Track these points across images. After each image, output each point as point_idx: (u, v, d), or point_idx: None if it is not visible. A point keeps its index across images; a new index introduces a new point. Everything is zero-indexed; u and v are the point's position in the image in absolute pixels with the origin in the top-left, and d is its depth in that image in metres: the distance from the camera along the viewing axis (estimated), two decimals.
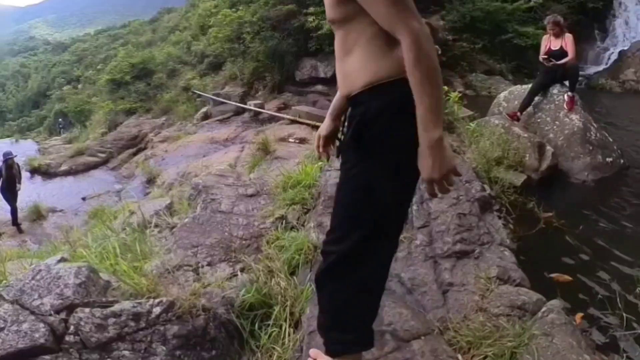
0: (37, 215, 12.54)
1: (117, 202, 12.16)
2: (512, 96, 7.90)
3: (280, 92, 18.71)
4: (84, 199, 14.23)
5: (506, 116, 7.21)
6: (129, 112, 25.59)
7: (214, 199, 4.59)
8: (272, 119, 15.96)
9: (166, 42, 40.60)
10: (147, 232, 4.23)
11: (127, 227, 4.64)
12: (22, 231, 11.63)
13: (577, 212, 5.37)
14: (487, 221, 3.92)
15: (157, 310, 2.55)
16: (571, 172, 6.61)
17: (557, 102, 7.29)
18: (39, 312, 2.53)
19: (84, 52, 78.02)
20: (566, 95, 7.21)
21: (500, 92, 8.81)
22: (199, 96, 22.68)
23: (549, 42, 7.39)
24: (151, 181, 13.45)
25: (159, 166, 14.68)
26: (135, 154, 18.91)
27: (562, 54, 7.21)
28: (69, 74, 67.59)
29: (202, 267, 3.49)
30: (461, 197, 4.00)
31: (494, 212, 4.21)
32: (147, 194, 12.01)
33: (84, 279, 2.73)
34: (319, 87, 17.32)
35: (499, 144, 5.88)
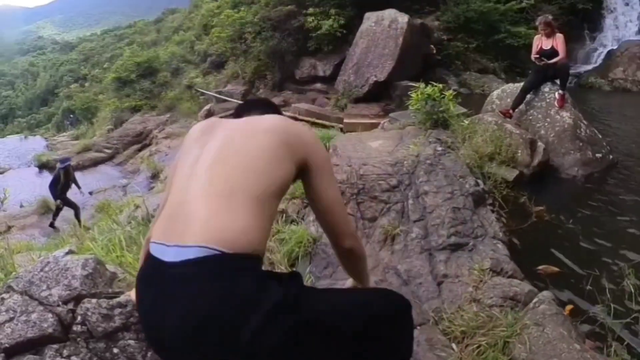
0: (45, 209, 12.51)
1: (123, 196, 12.16)
2: (505, 94, 7.88)
3: (280, 90, 18.67)
4: (90, 194, 14.20)
5: (499, 113, 7.19)
6: (134, 110, 25.52)
7: None
8: None
9: (170, 42, 40.46)
10: (151, 225, 4.22)
11: (132, 221, 4.63)
12: (55, 228, 11.48)
13: (568, 206, 5.37)
14: (480, 215, 3.91)
15: None
16: (562, 168, 6.60)
17: (548, 100, 7.27)
18: (48, 302, 2.53)
19: (91, 51, 77.89)
20: (557, 93, 7.19)
21: (493, 90, 8.79)
22: (202, 94, 22.67)
23: (541, 42, 7.36)
24: (155, 176, 13.48)
25: (163, 162, 14.69)
26: (140, 150, 18.91)
27: (553, 53, 7.19)
28: (76, 72, 67.48)
29: None
30: (455, 192, 3.99)
31: (487, 206, 4.21)
32: (152, 188, 12.03)
33: (91, 271, 2.73)
34: (318, 85, 17.29)
35: (492, 141, 5.86)
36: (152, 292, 1.45)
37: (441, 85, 5.90)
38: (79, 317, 2.50)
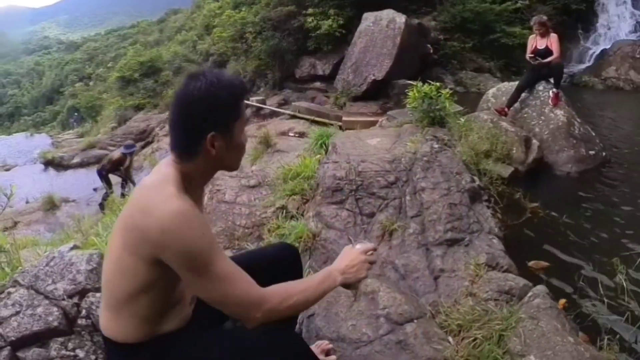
0: (51, 205, 12.51)
1: (127, 192, 12.15)
2: (500, 92, 7.88)
3: (280, 88, 18.65)
4: (95, 190, 14.19)
5: (494, 111, 7.19)
6: (138, 108, 25.51)
7: (218, 190, 4.57)
8: (273, 114, 15.93)
9: (173, 42, 40.41)
10: None
11: None
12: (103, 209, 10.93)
13: (562, 202, 5.37)
14: (476, 211, 3.91)
15: None
16: (556, 165, 6.60)
17: (542, 98, 7.27)
18: (53, 296, 2.53)
19: (95, 51, 77.84)
20: (551, 91, 7.20)
21: (489, 89, 8.78)
22: None
23: (535, 42, 7.37)
24: None
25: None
26: (143, 148, 18.88)
27: (548, 52, 7.19)
28: (80, 71, 67.41)
29: None
30: (452, 188, 3.99)
31: (483, 202, 4.20)
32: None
33: (95, 265, 2.73)
34: (318, 84, 17.26)
35: (488, 138, 5.86)
36: None
37: (438, 83, 5.86)
38: (84, 311, 2.50)
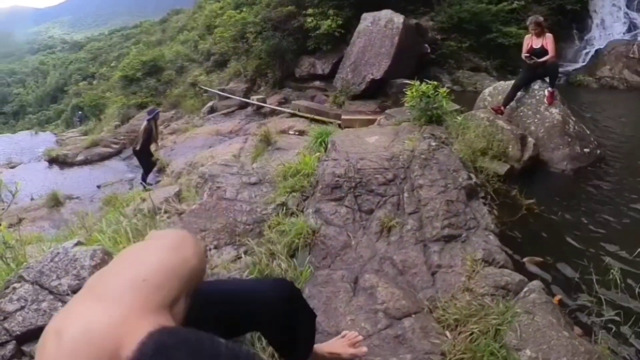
0: (55, 202, 12.46)
1: (129, 189, 12.14)
2: (497, 91, 7.87)
3: (281, 87, 18.61)
4: (98, 187, 14.17)
5: (491, 110, 7.20)
6: (140, 107, 25.40)
7: (219, 187, 4.57)
8: (273, 113, 15.91)
9: (175, 41, 40.30)
10: (157, 217, 4.22)
11: (138, 213, 4.62)
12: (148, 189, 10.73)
13: (557, 199, 5.36)
14: (473, 207, 3.91)
15: None
16: (551, 162, 6.60)
17: (538, 97, 7.27)
18: (57, 292, 2.52)
19: (99, 50, 77.78)
20: (546, 90, 7.20)
21: (485, 88, 8.77)
22: (206, 91, 22.59)
23: (531, 41, 7.35)
24: (161, 170, 13.38)
25: (168, 156, 14.62)
26: None
27: (543, 52, 7.18)
28: (84, 70, 67.44)
29: (209, 250, 3.48)
30: (449, 185, 3.99)
31: (480, 199, 4.21)
32: (157, 182, 11.98)
33: (98, 261, 2.72)
34: (317, 83, 17.24)
35: (484, 136, 5.86)
36: None
37: (435, 83, 5.87)
38: None
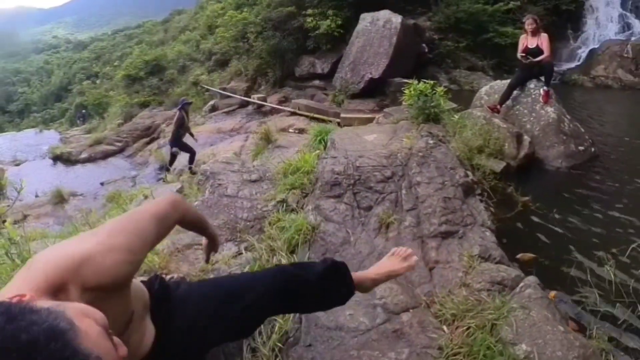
0: (59, 199, 12.46)
1: (132, 187, 12.14)
2: (493, 90, 7.87)
3: (281, 86, 18.61)
4: (102, 184, 14.17)
5: (487, 109, 7.19)
6: (143, 105, 25.42)
7: (220, 184, 4.57)
8: (273, 111, 15.90)
9: (177, 41, 40.26)
10: None
11: None
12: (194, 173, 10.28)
13: (552, 196, 5.37)
14: (470, 204, 3.90)
15: None
16: (546, 160, 6.60)
17: (533, 96, 7.26)
18: None
19: (102, 50, 77.66)
20: (542, 89, 7.18)
21: (482, 87, 8.76)
22: (207, 90, 22.59)
23: (527, 41, 7.34)
24: (163, 168, 13.41)
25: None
26: (148, 143, 18.81)
27: (539, 51, 7.17)
28: (88, 70, 67.30)
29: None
30: (446, 182, 3.98)
31: (476, 196, 4.20)
32: (160, 179, 11.98)
33: None
34: (317, 82, 17.24)
35: (481, 134, 5.86)
36: None
37: (433, 82, 5.88)
38: None
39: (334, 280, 1.96)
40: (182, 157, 11.45)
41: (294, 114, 14.34)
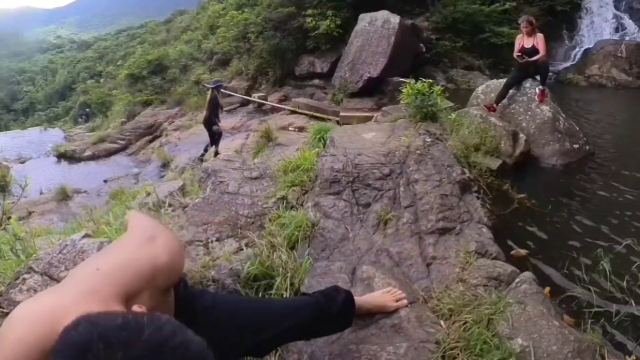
0: (63, 195, 12.45)
1: (135, 184, 12.13)
2: (489, 89, 7.86)
3: (281, 85, 18.61)
4: (105, 182, 14.16)
5: (484, 107, 7.19)
6: (146, 104, 25.38)
7: (222, 182, 4.56)
8: (274, 110, 15.91)
9: (179, 41, 40.16)
10: (162, 211, 4.20)
11: (144, 207, 4.60)
12: (218, 153, 10.37)
13: (547, 193, 5.36)
14: (466, 201, 3.90)
15: None
16: (542, 158, 6.60)
17: (529, 95, 7.26)
18: None
19: (106, 49, 77.55)
20: (537, 88, 7.19)
21: (478, 86, 8.77)
22: (209, 89, 22.56)
23: (522, 41, 7.34)
24: (165, 165, 13.41)
25: (173, 152, 14.65)
26: (151, 141, 18.81)
27: (534, 51, 7.17)
28: (92, 69, 67.23)
29: (212, 242, 3.47)
30: (443, 180, 3.98)
31: (473, 193, 4.19)
32: (162, 176, 11.97)
33: None
34: (316, 81, 17.25)
35: (477, 132, 5.86)
36: None
37: (430, 81, 5.86)
38: None
39: (348, 312, 2.17)
40: (183, 154, 11.46)
41: (294, 112, 14.35)
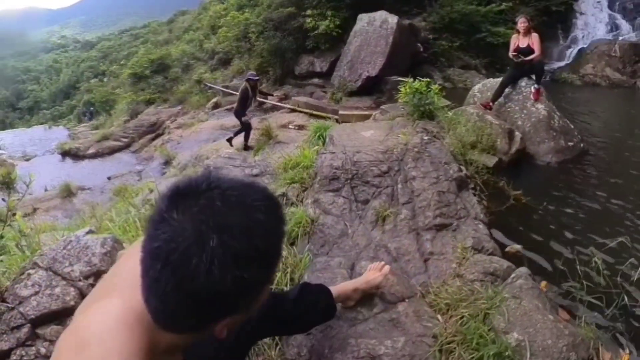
0: (68, 192, 12.45)
1: (138, 181, 12.16)
2: (485, 88, 7.85)
3: (281, 84, 18.61)
4: (109, 179, 14.16)
5: (480, 106, 7.18)
6: (149, 102, 25.41)
7: None
8: (274, 108, 15.88)
9: (181, 41, 40.26)
10: None
11: (146, 203, 4.61)
12: (249, 148, 10.05)
13: (542, 190, 5.36)
14: (463, 198, 3.90)
15: None
16: (537, 155, 6.59)
17: (525, 93, 7.25)
18: (70, 277, 2.51)
19: (109, 49, 77.53)
20: (533, 87, 7.17)
21: (474, 85, 8.74)
22: (210, 88, 22.58)
23: (518, 41, 7.32)
24: (168, 163, 13.40)
25: (175, 150, 14.62)
26: (154, 139, 18.80)
27: (530, 51, 7.16)
28: (95, 68, 67.26)
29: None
30: (440, 177, 3.97)
31: (469, 190, 4.19)
32: (165, 174, 11.98)
33: (109, 249, 2.71)
34: (316, 80, 17.26)
35: (474, 130, 5.85)
36: None
37: (427, 80, 5.86)
38: None
39: (309, 298, 2.05)
40: (185, 152, 11.44)
41: (293, 111, 14.34)
